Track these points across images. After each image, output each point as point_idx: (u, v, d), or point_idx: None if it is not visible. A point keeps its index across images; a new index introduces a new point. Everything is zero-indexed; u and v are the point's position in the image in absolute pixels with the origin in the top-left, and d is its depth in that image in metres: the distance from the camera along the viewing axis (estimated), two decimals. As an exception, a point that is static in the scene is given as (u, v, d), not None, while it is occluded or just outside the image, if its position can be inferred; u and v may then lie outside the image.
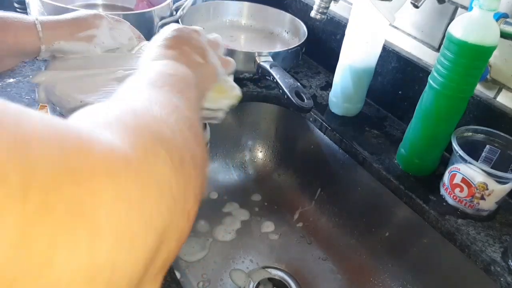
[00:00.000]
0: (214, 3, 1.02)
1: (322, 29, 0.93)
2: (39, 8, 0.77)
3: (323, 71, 0.94)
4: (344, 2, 0.88)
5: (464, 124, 0.64)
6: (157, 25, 0.84)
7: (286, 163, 0.87)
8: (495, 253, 0.56)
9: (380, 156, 0.71)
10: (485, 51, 0.56)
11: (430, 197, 0.64)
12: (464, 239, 0.58)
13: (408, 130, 0.68)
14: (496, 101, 0.66)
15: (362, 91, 0.78)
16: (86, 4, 0.96)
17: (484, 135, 0.63)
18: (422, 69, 0.74)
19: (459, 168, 0.60)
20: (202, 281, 0.68)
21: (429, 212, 0.62)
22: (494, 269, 0.55)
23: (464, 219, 0.61)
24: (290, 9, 1.01)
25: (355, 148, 0.72)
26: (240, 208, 0.82)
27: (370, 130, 0.77)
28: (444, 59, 0.58)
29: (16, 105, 0.19)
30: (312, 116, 0.80)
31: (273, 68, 0.78)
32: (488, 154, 0.63)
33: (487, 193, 0.58)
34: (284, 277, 0.71)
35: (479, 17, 0.54)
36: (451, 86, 0.59)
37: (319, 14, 0.70)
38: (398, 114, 0.81)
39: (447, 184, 0.62)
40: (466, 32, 0.55)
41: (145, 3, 0.93)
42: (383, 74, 0.81)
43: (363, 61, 0.74)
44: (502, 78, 0.65)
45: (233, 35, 0.99)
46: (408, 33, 0.77)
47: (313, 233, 0.78)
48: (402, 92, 0.79)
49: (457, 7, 0.68)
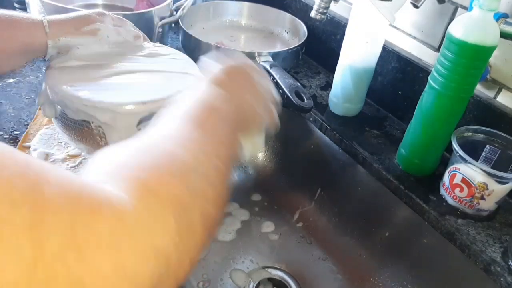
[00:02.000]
0: (214, 3, 1.02)
1: (322, 29, 0.93)
2: (39, 8, 0.77)
3: (323, 71, 0.94)
4: (344, 2, 0.88)
5: (464, 124, 0.64)
6: (157, 25, 0.84)
7: (286, 163, 0.87)
8: (495, 253, 0.56)
9: (380, 156, 0.71)
10: (485, 51, 0.56)
11: (430, 197, 0.64)
12: (464, 239, 0.58)
13: (408, 130, 0.68)
14: (496, 101, 0.66)
15: (362, 91, 0.78)
16: (86, 4, 0.96)
17: (484, 135, 0.63)
18: (422, 69, 0.74)
19: (459, 168, 0.60)
20: (202, 281, 0.68)
21: (429, 212, 0.62)
22: (494, 269, 0.55)
23: (464, 219, 0.61)
24: (290, 9, 1.01)
25: (355, 148, 0.72)
26: (240, 208, 0.82)
27: (370, 130, 0.77)
28: (444, 59, 0.58)
29: (37, 163, 0.21)
30: (312, 116, 0.80)
31: (273, 68, 0.78)
32: (488, 154, 0.63)
33: (487, 193, 0.58)
34: (284, 277, 0.71)
35: (479, 17, 0.54)
36: (451, 86, 0.59)
37: (319, 14, 0.70)
38: (398, 114, 0.81)
39: (447, 184, 0.62)
40: (466, 32, 0.55)
41: (145, 3, 0.93)
42: (383, 74, 0.81)
43: (363, 61, 0.74)
44: (502, 78, 0.65)
45: (233, 35, 0.99)
46: (408, 33, 0.77)
47: (313, 233, 0.78)
48: (402, 92, 0.79)
49: (457, 7, 0.68)
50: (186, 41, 0.89)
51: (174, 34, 0.98)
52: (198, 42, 0.85)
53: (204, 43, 0.84)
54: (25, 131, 0.69)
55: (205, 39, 0.85)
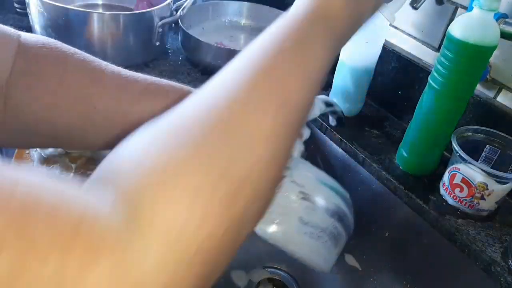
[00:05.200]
0: (213, 3, 1.02)
1: (322, 29, 0.93)
2: (39, 8, 0.77)
3: (323, 71, 0.94)
4: (344, 2, 0.88)
5: (464, 124, 0.64)
6: (157, 25, 0.84)
7: (286, 163, 0.87)
8: (495, 253, 0.56)
9: (380, 156, 0.71)
10: (485, 51, 0.56)
11: (430, 197, 0.64)
12: (464, 239, 0.58)
13: (408, 130, 0.68)
14: (496, 101, 0.66)
15: (362, 91, 0.78)
16: (86, 4, 0.96)
17: (484, 135, 0.63)
18: (422, 69, 0.74)
19: (459, 168, 0.60)
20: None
21: (429, 212, 0.62)
22: (494, 269, 0.55)
23: (464, 219, 0.61)
24: (290, 9, 1.01)
25: (355, 148, 0.72)
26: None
27: (370, 130, 0.77)
28: (444, 59, 0.58)
29: (13, 172, 0.20)
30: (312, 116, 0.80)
31: (273, 68, 0.78)
32: (488, 154, 0.63)
33: (487, 193, 0.58)
34: (284, 277, 0.71)
35: (479, 17, 0.54)
36: (451, 86, 0.59)
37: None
38: (398, 114, 0.81)
39: (447, 184, 0.62)
40: (466, 32, 0.55)
41: (145, 3, 0.93)
42: (383, 74, 0.81)
43: (363, 61, 0.74)
44: (502, 78, 0.65)
45: (232, 35, 0.99)
46: (408, 33, 0.77)
47: (313, 233, 0.78)
48: (402, 92, 0.79)
49: (457, 7, 0.68)
50: (186, 41, 0.89)
51: (174, 34, 0.98)
52: (197, 42, 0.85)
53: (204, 43, 0.84)
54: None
55: (205, 39, 0.85)
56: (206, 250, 0.22)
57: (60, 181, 0.22)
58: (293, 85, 0.28)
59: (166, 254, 0.21)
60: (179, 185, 0.22)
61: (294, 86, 0.28)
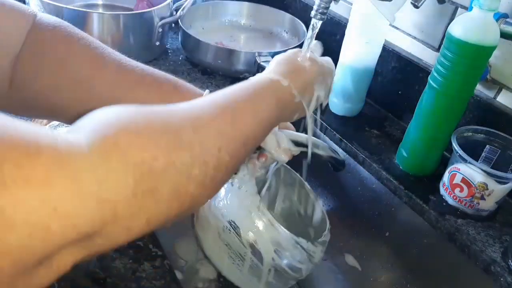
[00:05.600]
0: (214, 3, 1.02)
1: (322, 29, 0.92)
2: (39, 8, 0.77)
3: (323, 71, 0.94)
4: (344, 2, 0.88)
5: (464, 124, 0.64)
6: (157, 25, 0.84)
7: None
8: (495, 253, 0.56)
9: (380, 156, 0.71)
10: (485, 51, 0.56)
11: (430, 197, 0.64)
12: (464, 239, 0.58)
13: (408, 130, 0.68)
14: (496, 101, 0.66)
15: (362, 91, 0.78)
16: (86, 4, 0.96)
17: (484, 135, 0.63)
18: (422, 69, 0.74)
19: (459, 168, 0.60)
20: (202, 281, 0.68)
21: (429, 212, 0.62)
22: (494, 269, 0.55)
23: (464, 219, 0.61)
24: (290, 9, 1.01)
25: (355, 148, 0.72)
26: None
27: (370, 130, 0.77)
28: (444, 59, 0.58)
29: None
30: (312, 116, 0.80)
31: (273, 68, 0.78)
32: (488, 154, 0.63)
33: (487, 193, 0.58)
34: (284, 277, 0.71)
35: (479, 17, 0.54)
36: (451, 86, 0.59)
37: (319, 14, 0.69)
38: (398, 114, 0.81)
39: (447, 184, 0.62)
40: (466, 32, 0.55)
41: (145, 3, 0.93)
42: (383, 74, 0.81)
43: (363, 61, 0.74)
44: (502, 78, 0.65)
45: (232, 35, 0.99)
46: (408, 33, 0.77)
47: (313, 233, 0.78)
48: (402, 92, 0.79)
49: (457, 7, 0.68)
50: (186, 41, 0.89)
51: (174, 34, 0.98)
52: (197, 42, 0.85)
53: (204, 43, 0.84)
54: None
55: (205, 39, 0.85)
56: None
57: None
58: (243, 119, 0.37)
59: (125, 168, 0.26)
60: (145, 132, 0.28)
61: (244, 120, 0.37)
